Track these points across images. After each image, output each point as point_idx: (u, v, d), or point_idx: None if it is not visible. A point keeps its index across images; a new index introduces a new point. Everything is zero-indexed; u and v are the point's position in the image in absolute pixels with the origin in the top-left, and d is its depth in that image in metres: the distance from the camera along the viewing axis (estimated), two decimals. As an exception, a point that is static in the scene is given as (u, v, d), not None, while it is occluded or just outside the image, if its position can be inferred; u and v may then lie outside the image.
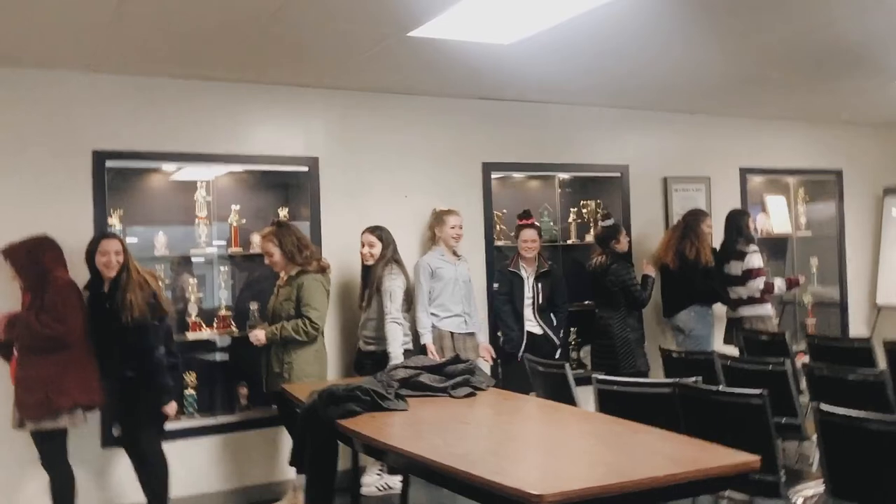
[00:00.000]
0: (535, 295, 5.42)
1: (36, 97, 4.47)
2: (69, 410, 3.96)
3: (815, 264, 7.37)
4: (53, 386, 3.89)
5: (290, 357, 4.48)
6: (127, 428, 4.31)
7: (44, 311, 3.93)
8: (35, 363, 3.91)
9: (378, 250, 4.84)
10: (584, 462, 2.58)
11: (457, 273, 5.16)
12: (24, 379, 3.92)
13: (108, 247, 4.14)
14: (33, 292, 4.00)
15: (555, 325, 5.43)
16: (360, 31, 4.00)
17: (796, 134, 7.16)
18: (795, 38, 4.46)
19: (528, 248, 5.42)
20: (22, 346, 3.95)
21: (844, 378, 4.03)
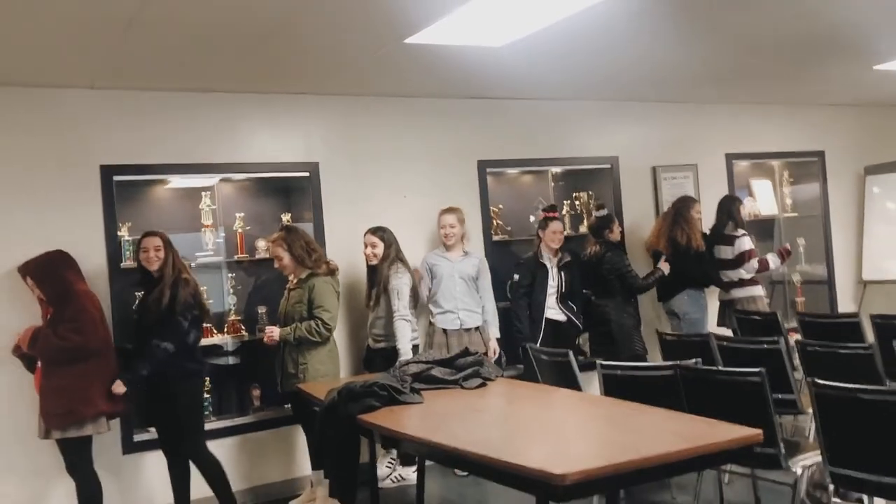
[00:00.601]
0: (560, 284, 5.57)
1: (44, 116, 4.58)
2: (93, 419, 4.08)
3: (801, 244, 7.57)
4: (78, 395, 4.02)
5: (305, 358, 4.61)
6: (162, 431, 4.44)
7: (63, 322, 4.05)
8: (59, 374, 4.04)
9: (381, 250, 4.98)
10: (599, 442, 2.74)
11: (454, 269, 5.27)
12: (49, 389, 4.04)
13: (148, 243, 4.34)
14: (55, 306, 4.12)
15: (576, 312, 5.60)
16: (358, 41, 4.13)
17: (779, 118, 7.35)
18: (776, 27, 4.61)
19: (556, 238, 5.54)
20: (44, 358, 4.08)
21: (835, 352, 4.21)
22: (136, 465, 4.74)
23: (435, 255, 5.33)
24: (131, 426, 4.73)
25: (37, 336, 4.07)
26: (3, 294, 4.41)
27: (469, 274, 5.30)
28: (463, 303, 5.27)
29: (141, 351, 4.27)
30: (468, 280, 5.29)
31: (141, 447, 4.76)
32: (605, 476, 2.33)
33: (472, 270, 5.32)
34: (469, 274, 5.30)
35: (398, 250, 5.03)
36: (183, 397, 4.29)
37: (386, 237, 5.01)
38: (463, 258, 5.33)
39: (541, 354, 4.48)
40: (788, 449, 3.51)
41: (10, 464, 4.40)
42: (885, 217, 7.59)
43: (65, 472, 4.18)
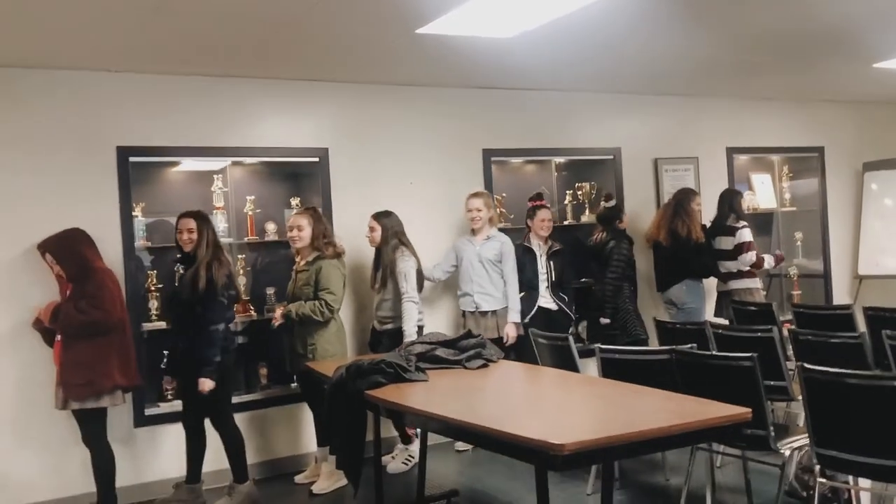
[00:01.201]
0: (549, 272, 5.67)
1: (63, 97, 4.71)
2: (110, 391, 4.23)
3: (799, 238, 7.70)
4: (96, 368, 4.17)
5: (314, 339, 4.75)
6: (188, 403, 4.59)
7: (84, 298, 4.19)
8: (78, 347, 4.18)
9: (378, 234, 5.09)
10: (596, 418, 2.89)
11: (475, 253, 5.43)
12: (69, 362, 4.18)
13: (182, 224, 4.51)
14: (75, 282, 4.26)
15: (567, 301, 5.70)
16: (371, 30, 4.26)
17: (780, 113, 7.47)
18: (778, 23, 4.71)
19: (545, 227, 5.66)
20: (65, 332, 4.22)
21: (827, 342, 4.34)
22: (147, 438, 4.89)
23: (463, 238, 5.54)
24: (143, 400, 4.88)
25: (58, 311, 4.20)
26: (24, 270, 4.55)
27: (489, 258, 5.41)
28: (479, 286, 5.41)
29: (177, 327, 4.51)
30: (488, 263, 5.41)
31: (152, 420, 4.92)
32: (601, 447, 2.47)
33: (493, 254, 5.42)
34: (489, 258, 5.41)
35: (401, 234, 5.14)
36: (215, 373, 4.41)
37: (386, 222, 5.12)
38: (485, 242, 5.44)
39: (539, 338, 4.61)
40: (778, 432, 3.65)
41: (29, 433, 4.56)
42: (881, 213, 7.72)
43: (80, 443, 4.34)
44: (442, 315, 5.80)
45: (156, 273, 5.13)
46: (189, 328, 4.43)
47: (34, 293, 4.49)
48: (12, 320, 4.53)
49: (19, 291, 4.53)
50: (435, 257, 5.60)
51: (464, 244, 5.51)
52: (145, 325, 5.02)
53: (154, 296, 5.10)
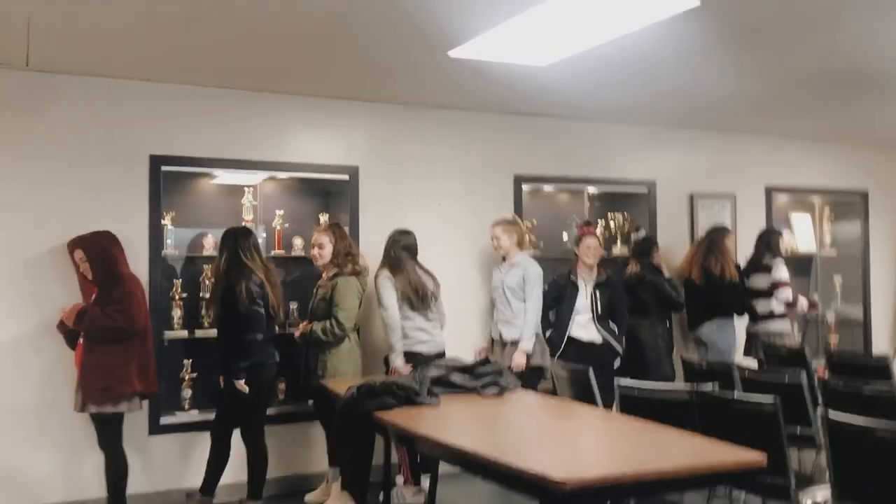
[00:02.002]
0: (594, 303, 5.44)
1: (99, 104, 4.79)
2: (128, 397, 4.25)
3: (838, 283, 7.49)
4: (117, 374, 4.19)
5: (326, 356, 4.73)
6: (223, 412, 4.60)
7: (112, 303, 4.22)
8: (101, 351, 4.20)
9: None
10: (603, 454, 2.80)
11: (499, 280, 5.35)
12: (90, 365, 4.20)
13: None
14: (102, 285, 4.29)
15: (616, 334, 5.45)
16: (404, 50, 4.26)
17: (822, 154, 7.31)
18: (822, 61, 4.63)
19: (590, 253, 5.44)
20: (89, 335, 4.24)
21: (859, 391, 4.17)
22: (162, 447, 4.89)
23: (497, 265, 5.47)
24: (159, 408, 4.89)
25: (83, 313, 4.23)
26: (51, 269, 4.61)
27: (511, 285, 5.28)
28: (502, 314, 5.31)
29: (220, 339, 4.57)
30: (509, 291, 5.27)
31: (168, 429, 4.93)
32: (605, 486, 2.38)
33: (516, 281, 5.27)
34: (511, 285, 5.28)
35: (386, 253, 5.05)
36: (252, 385, 4.44)
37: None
38: (510, 269, 5.33)
39: (560, 370, 4.52)
40: (801, 482, 3.50)
41: (48, 433, 4.59)
42: (926, 261, 7.47)
43: (96, 446, 4.35)
44: (471, 342, 5.67)
45: (181, 282, 5.15)
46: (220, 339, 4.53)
47: (59, 294, 4.53)
48: (35, 321, 4.58)
49: (45, 292, 4.58)
50: (459, 280, 5.55)
51: (495, 271, 5.46)
52: (168, 334, 5.04)
53: (178, 304, 5.13)
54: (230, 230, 4.65)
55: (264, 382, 4.55)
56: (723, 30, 3.94)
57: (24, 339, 4.58)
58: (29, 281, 4.59)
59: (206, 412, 4.93)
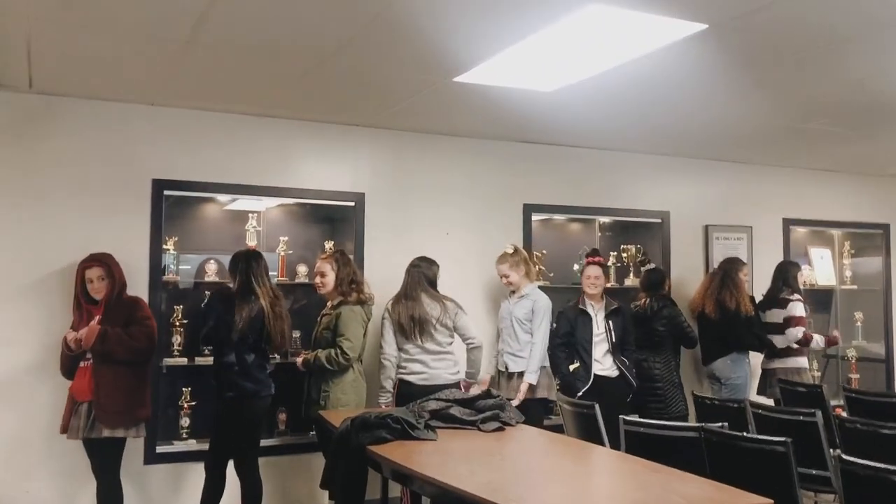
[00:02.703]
0: (608, 333, 5.26)
1: (101, 128, 4.75)
2: (139, 422, 4.21)
3: (859, 318, 7.28)
4: (135, 397, 4.17)
5: (328, 385, 4.62)
6: (218, 442, 4.48)
7: (133, 324, 4.20)
8: (118, 373, 4.13)
9: None
10: (602, 497, 2.66)
11: (507, 312, 5.22)
12: (107, 387, 4.11)
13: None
14: (109, 305, 4.22)
15: (628, 365, 5.25)
16: (408, 76, 4.20)
17: (841, 186, 7.15)
18: (840, 91, 4.51)
19: (591, 284, 5.26)
20: (111, 356, 4.12)
21: (876, 432, 4.00)
22: (157, 477, 4.78)
23: (506, 297, 5.35)
24: (156, 437, 4.78)
25: (105, 334, 4.11)
26: (51, 294, 4.54)
27: (519, 317, 5.15)
28: (508, 346, 5.17)
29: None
30: (517, 323, 5.14)
31: (164, 459, 4.82)
32: (601, 531, 2.24)
33: (524, 313, 5.15)
34: (519, 317, 5.15)
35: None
36: (244, 416, 4.36)
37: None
38: (518, 301, 5.20)
39: (564, 405, 4.38)
40: (816, 528, 3.34)
41: (46, 461, 4.49)
42: (950, 297, 7.26)
43: (89, 475, 4.23)
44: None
45: (182, 308, 5.07)
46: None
47: (60, 320, 4.45)
48: (35, 345, 4.51)
49: (44, 317, 4.51)
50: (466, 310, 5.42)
51: (504, 302, 5.34)
52: (166, 360, 4.95)
53: (178, 331, 5.05)
54: (240, 253, 4.58)
55: (258, 413, 4.44)
56: (733, 54, 3.83)
57: (24, 364, 4.51)
58: (28, 306, 4.53)
59: (204, 442, 4.79)
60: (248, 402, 4.37)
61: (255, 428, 4.45)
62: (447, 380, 4.76)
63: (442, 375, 4.77)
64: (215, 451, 4.48)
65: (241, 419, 4.37)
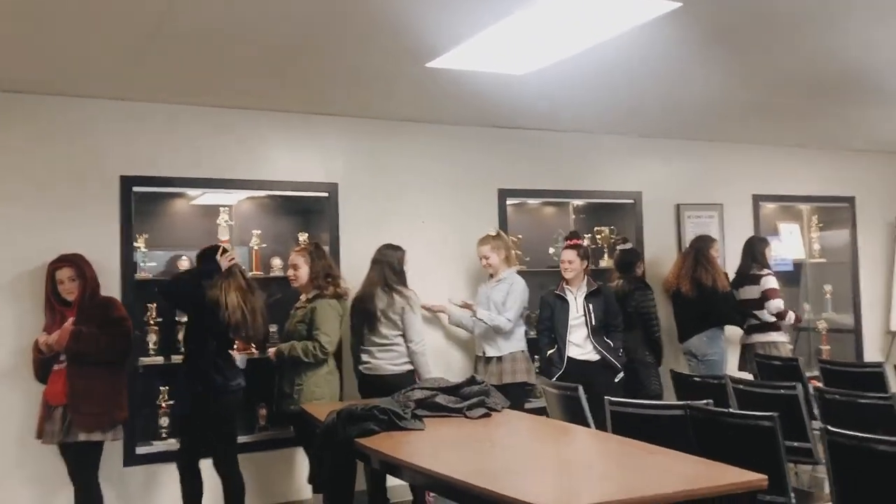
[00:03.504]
0: (587, 315, 5.18)
1: (66, 125, 4.63)
2: (117, 425, 4.12)
3: (828, 291, 7.40)
4: (112, 399, 4.07)
5: (301, 379, 4.54)
6: (189, 441, 4.43)
7: (109, 324, 4.10)
8: (94, 375, 4.04)
9: None
10: (596, 480, 2.65)
11: (485, 296, 5.19)
12: (82, 390, 4.01)
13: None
14: (85, 307, 4.11)
15: (613, 348, 5.19)
16: (380, 62, 4.14)
17: (810, 161, 7.24)
18: (808, 66, 4.55)
19: (565, 268, 5.21)
20: (85, 358, 4.03)
21: (855, 401, 4.06)
22: (136, 478, 4.70)
23: (484, 281, 5.33)
24: (135, 438, 4.70)
25: (79, 335, 4.01)
26: (19, 296, 4.42)
27: (496, 300, 5.14)
28: (486, 330, 5.15)
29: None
30: (494, 307, 5.12)
31: (144, 460, 4.74)
32: (600, 514, 2.24)
33: (501, 297, 5.14)
34: (496, 300, 5.14)
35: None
36: (215, 411, 4.29)
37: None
38: (496, 285, 5.19)
39: (549, 388, 4.38)
40: (800, 499, 3.38)
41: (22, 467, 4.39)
42: (916, 267, 7.41)
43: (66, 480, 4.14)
44: (456, 360, 5.55)
45: (155, 307, 4.98)
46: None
47: (30, 321, 4.34)
48: (6, 349, 4.40)
49: (15, 319, 4.40)
50: (440, 297, 5.41)
51: (481, 287, 5.32)
52: (143, 360, 4.86)
53: (154, 329, 4.96)
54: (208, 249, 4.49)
55: (230, 408, 4.35)
56: (706, 32, 3.84)
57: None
58: (-3, 308, 4.42)
59: (183, 441, 4.74)
60: (218, 398, 4.29)
61: (227, 423, 4.36)
62: (390, 370, 4.74)
63: (384, 366, 4.75)
64: (187, 450, 4.41)
65: (212, 415, 4.28)
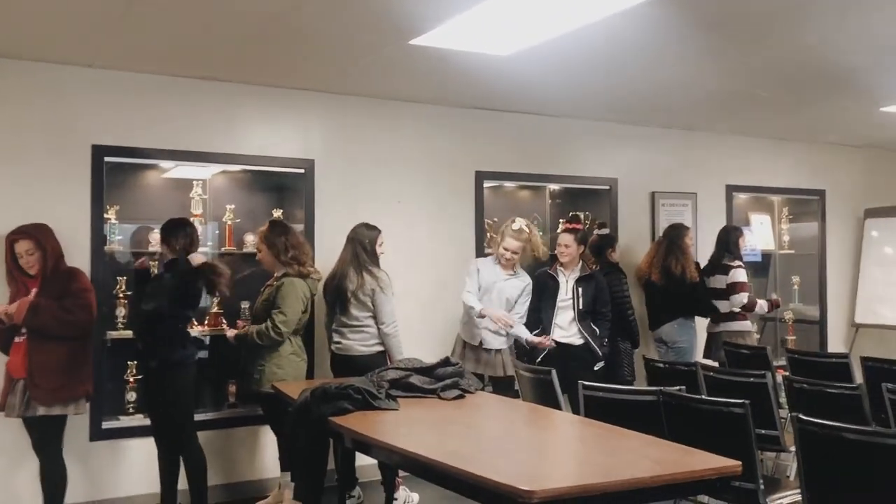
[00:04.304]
0: (575, 299, 5.15)
1: (37, 91, 4.51)
2: (79, 399, 4.05)
3: (796, 282, 7.51)
4: (72, 373, 3.99)
5: (264, 360, 4.48)
6: (154, 419, 4.39)
7: (69, 297, 4.00)
8: (55, 349, 3.96)
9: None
10: (572, 462, 2.66)
11: (495, 286, 4.98)
12: (42, 364, 3.94)
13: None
14: (48, 279, 4.03)
15: (598, 335, 5.16)
16: (362, 38, 4.08)
17: (782, 153, 7.32)
18: (784, 59, 4.59)
19: (561, 252, 5.17)
20: (43, 331, 3.95)
21: (823, 391, 4.12)
22: (104, 453, 4.65)
23: (487, 262, 5.08)
24: (101, 412, 4.63)
25: (36, 308, 3.93)
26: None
27: (508, 296, 4.99)
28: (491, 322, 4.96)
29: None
30: (504, 301, 4.98)
31: (109, 434, 4.68)
32: (575, 496, 2.24)
33: (514, 293, 5.00)
34: (508, 296, 4.99)
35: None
36: (172, 385, 4.24)
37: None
38: (509, 278, 5.03)
39: (522, 371, 4.39)
40: (768, 486, 3.43)
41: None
42: (881, 261, 7.54)
43: (30, 453, 4.08)
44: (430, 342, 5.41)
45: (125, 279, 4.89)
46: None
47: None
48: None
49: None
50: (417, 280, 5.38)
51: (490, 272, 5.01)
52: (111, 334, 4.78)
53: (122, 303, 4.87)
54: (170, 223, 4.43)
55: (186, 381, 4.30)
56: (687, 22, 3.85)
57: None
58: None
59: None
60: (174, 371, 4.24)
61: (184, 396, 4.30)
62: (360, 352, 4.68)
63: (354, 347, 4.69)
64: (154, 425, 4.39)
65: (168, 389, 4.23)
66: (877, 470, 2.78)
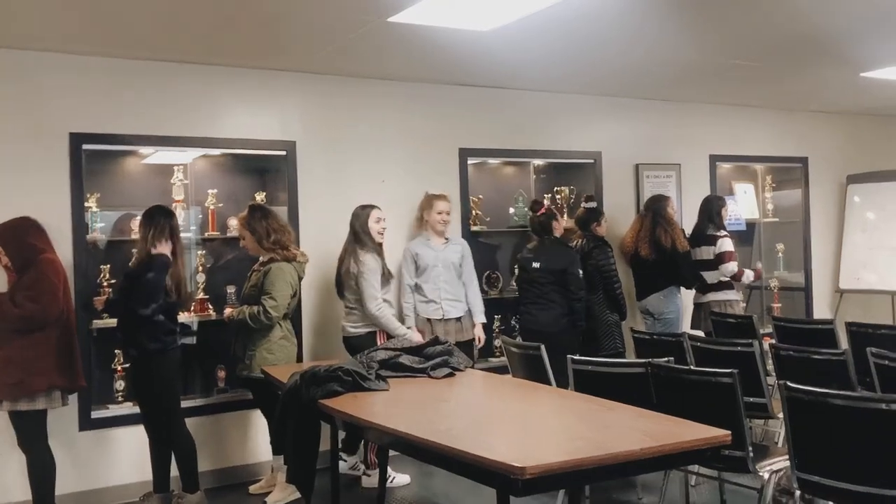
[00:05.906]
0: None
1: (12, 77, 4.43)
2: (45, 392, 3.96)
3: (781, 250, 7.55)
4: (29, 367, 3.89)
5: (255, 345, 4.48)
6: (141, 406, 4.38)
7: (20, 290, 3.93)
8: (12, 343, 3.91)
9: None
10: (563, 437, 2.67)
11: (437, 258, 5.16)
12: (1, 359, 3.90)
13: None
14: (19, 273, 4.00)
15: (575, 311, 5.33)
16: (341, 15, 4.02)
17: (764, 122, 7.32)
18: (765, 27, 4.57)
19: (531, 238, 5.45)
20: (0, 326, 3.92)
21: (809, 358, 4.16)
22: (94, 443, 4.62)
23: (418, 243, 5.23)
24: (90, 402, 4.61)
25: None
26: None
27: (452, 262, 5.20)
28: (446, 292, 5.16)
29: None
30: (451, 268, 5.19)
31: (98, 424, 4.65)
32: (567, 471, 2.25)
33: (456, 258, 5.22)
34: (452, 262, 5.20)
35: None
36: (156, 373, 4.21)
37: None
38: (445, 245, 5.23)
39: (511, 347, 4.40)
40: (757, 453, 3.46)
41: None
42: (863, 227, 7.59)
43: (16, 446, 4.06)
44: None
45: (109, 268, 4.85)
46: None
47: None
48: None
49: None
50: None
51: (421, 249, 5.20)
52: (96, 323, 4.74)
53: (107, 291, 4.83)
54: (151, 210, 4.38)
55: (169, 368, 4.27)
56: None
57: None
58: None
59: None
60: (155, 360, 4.21)
61: (168, 383, 4.27)
62: (351, 332, 4.82)
63: (347, 328, 4.87)
64: (142, 413, 4.39)
65: (150, 377, 4.21)
66: (863, 434, 2.82)
